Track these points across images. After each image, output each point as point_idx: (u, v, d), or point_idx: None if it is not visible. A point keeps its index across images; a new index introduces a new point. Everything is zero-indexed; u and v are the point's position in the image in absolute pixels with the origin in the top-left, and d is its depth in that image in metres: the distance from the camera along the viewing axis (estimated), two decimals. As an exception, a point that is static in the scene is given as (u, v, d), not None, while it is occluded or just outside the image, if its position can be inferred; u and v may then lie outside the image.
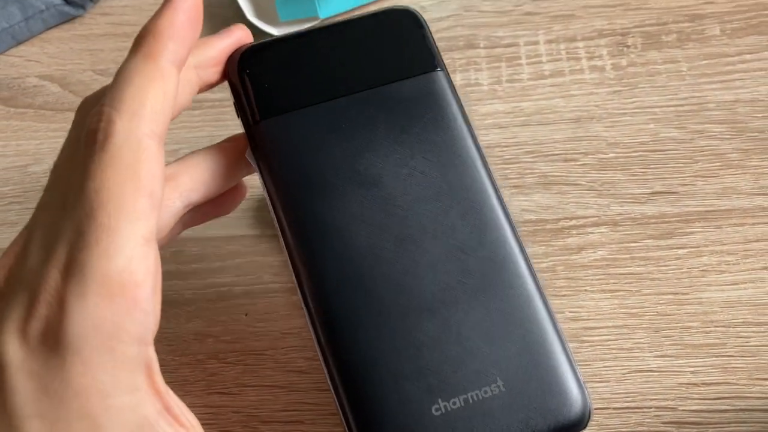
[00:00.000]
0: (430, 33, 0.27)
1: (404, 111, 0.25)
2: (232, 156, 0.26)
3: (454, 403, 0.21)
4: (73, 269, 0.19)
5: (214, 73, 0.25)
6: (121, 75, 0.22)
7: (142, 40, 0.22)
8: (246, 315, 0.31)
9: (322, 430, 0.28)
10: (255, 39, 0.27)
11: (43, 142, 0.42)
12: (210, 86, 0.26)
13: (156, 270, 0.21)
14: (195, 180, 0.25)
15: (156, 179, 0.21)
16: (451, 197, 0.24)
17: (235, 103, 0.25)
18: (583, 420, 0.22)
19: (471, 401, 0.22)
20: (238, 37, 0.26)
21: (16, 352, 0.19)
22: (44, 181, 0.39)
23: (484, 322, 0.23)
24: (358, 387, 0.22)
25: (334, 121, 0.25)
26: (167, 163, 0.23)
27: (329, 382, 0.22)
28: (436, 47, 0.27)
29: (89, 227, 0.20)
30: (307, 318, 0.23)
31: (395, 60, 0.26)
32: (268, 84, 0.25)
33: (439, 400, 0.21)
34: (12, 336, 0.20)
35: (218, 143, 0.26)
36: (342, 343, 0.22)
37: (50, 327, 0.19)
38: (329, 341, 0.22)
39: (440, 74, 0.26)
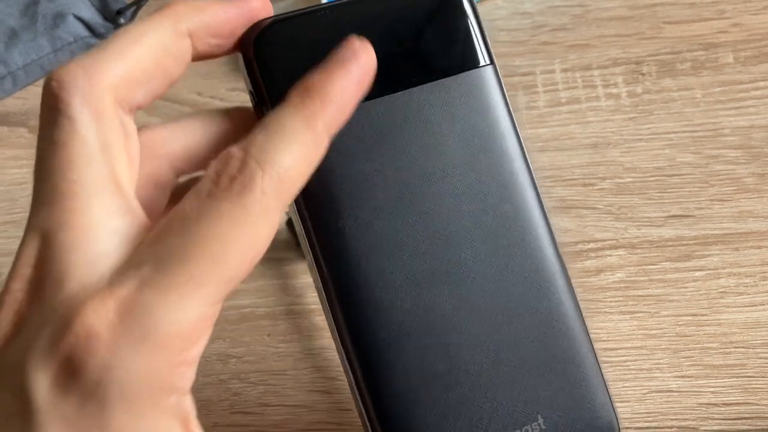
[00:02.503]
0: (478, 20, 0.23)
1: (445, 114, 0.22)
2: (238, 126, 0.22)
3: None
4: (136, 307, 0.17)
5: (212, 45, 0.21)
6: (275, 128, 0.19)
7: (308, 93, 0.19)
8: (268, 336, 0.32)
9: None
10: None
11: (70, 169, 0.43)
12: (203, 58, 0.21)
13: (215, 320, 0.19)
14: (190, 150, 0.21)
15: (267, 245, 0.19)
16: (498, 229, 0.22)
17: (252, 85, 0.22)
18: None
19: None
20: (252, 7, 0.21)
21: (45, 390, 0.17)
22: (71, 206, 0.40)
23: (524, 358, 0.22)
24: (399, 423, 0.21)
25: (366, 117, 0.21)
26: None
27: (363, 412, 0.21)
28: (485, 37, 0.23)
29: (178, 272, 0.17)
30: (342, 345, 0.21)
31: (436, 51, 0.22)
32: (294, 66, 0.20)
33: None
34: (39, 371, 0.17)
35: (222, 110, 0.22)
36: (380, 376, 0.21)
37: (88, 367, 0.17)
38: (367, 373, 0.21)
39: (488, 70, 0.23)
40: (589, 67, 0.43)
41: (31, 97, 0.49)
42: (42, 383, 0.17)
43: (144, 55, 0.19)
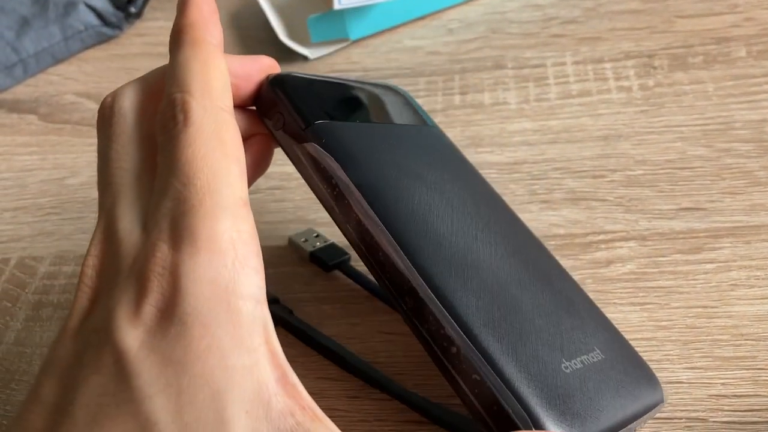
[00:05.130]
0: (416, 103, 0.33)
1: (424, 140, 0.30)
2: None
3: (575, 364, 0.24)
4: (180, 235, 0.20)
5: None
6: (177, 66, 0.23)
7: (181, 33, 0.24)
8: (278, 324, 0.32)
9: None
10: (284, 61, 0.28)
11: (80, 156, 0.43)
12: None
13: (256, 234, 0.21)
14: None
15: (240, 147, 0.22)
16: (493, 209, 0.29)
17: (279, 114, 0.27)
18: (661, 393, 0.26)
19: (586, 363, 0.24)
20: (265, 63, 0.28)
21: (133, 337, 0.19)
22: (80, 193, 0.41)
23: (567, 305, 0.26)
24: (498, 357, 0.23)
25: (374, 135, 0.28)
26: None
27: (460, 359, 0.23)
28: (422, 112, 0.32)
29: (190, 193, 0.20)
30: (431, 302, 0.24)
31: (404, 111, 0.31)
32: (312, 96, 0.28)
33: (564, 360, 0.24)
34: (126, 323, 0.19)
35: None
36: (470, 319, 0.24)
37: (167, 299, 0.19)
38: (458, 317, 0.24)
39: (434, 129, 0.32)
40: (601, 60, 0.43)
41: (42, 84, 0.49)
42: (130, 332, 0.19)
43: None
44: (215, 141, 0.21)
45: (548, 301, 0.26)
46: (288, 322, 0.31)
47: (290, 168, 0.30)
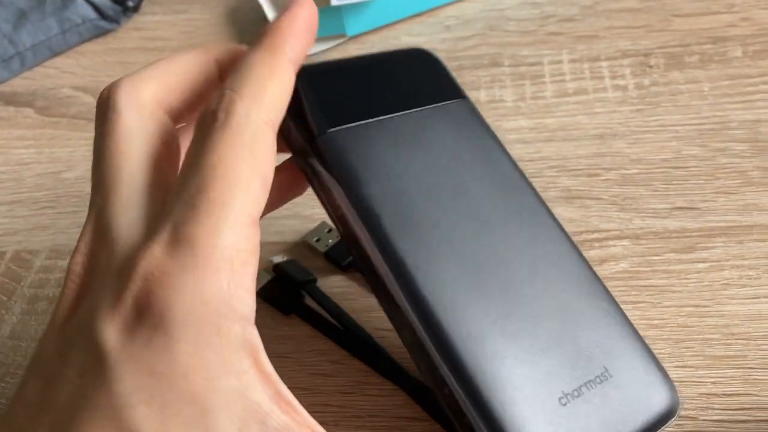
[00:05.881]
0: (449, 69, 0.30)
1: (445, 125, 0.28)
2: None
3: (575, 393, 0.23)
4: (179, 243, 0.19)
5: None
6: (243, 64, 0.22)
7: (264, 35, 0.23)
8: (271, 318, 0.32)
9: None
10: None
11: (76, 150, 0.43)
12: None
13: (258, 252, 0.20)
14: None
15: (270, 164, 0.21)
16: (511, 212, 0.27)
17: (295, 117, 0.26)
18: (676, 403, 0.24)
19: (589, 390, 0.23)
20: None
21: (114, 338, 0.19)
22: (77, 187, 0.41)
23: (576, 320, 0.25)
24: (486, 392, 0.22)
25: (390, 134, 0.26)
26: None
27: (449, 391, 0.23)
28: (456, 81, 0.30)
29: (201, 201, 0.19)
30: (420, 326, 0.23)
31: (429, 89, 0.29)
32: (327, 98, 0.26)
33: (563, 391, 0.23)
34: (107, 322, 0.19)
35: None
36: (459, 350, 0.23)
37: (150, 303, 0.19)
38: (446, 350, 0.23)
39: (466, 102, 0.29)
40: (597, 59, 0.43)
41: (39, 77, 0.49)
42: (111, 332, 0.19)
43: (178, 70, 0.24)
44: (246, 152, 0.20)
45: (559, 322, 0.24)
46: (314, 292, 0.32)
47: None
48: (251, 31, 0.50)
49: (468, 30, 0.47)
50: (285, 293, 0.33)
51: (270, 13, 0.48)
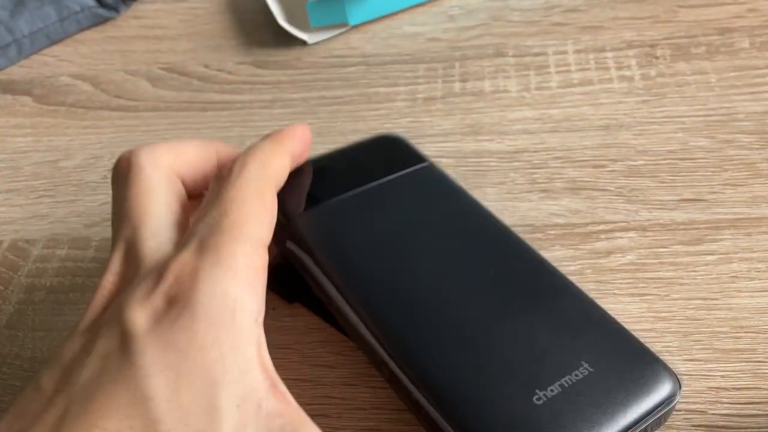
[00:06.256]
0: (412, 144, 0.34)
1: (410, 187, 0.31)
2: None
3: (552, 390, 0.23)
4: (206, 248, 0.22)
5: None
6: (254, 145, 0.27)
7: (271, 133, 0.29)
8: (273, 309, 0.31)
9: (348, 423, 0.27)
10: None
11: (74, 139, 0.43)
12: None
13: (266, 273, 0.24)
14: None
15: (273, 210, 0.25)
16: (473, 236, 0.29)
17: None
18: (674, 383, 0.24)
19: (566, 385, 0.24)
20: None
21: (143, 321, 0.21)
22: (74, 176, 0.40)
23: (550, 321, 0.26)
24: (457, 398, 0.24)
25: (356, 206, 0.30)
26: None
27: (421, 403, 0.24)
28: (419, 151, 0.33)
29: (223, 221, 0.23)
30: (387, 356, 0.25)
31: (392, 162, 0.32)
32: (292, 190, 0.30)
33: (537, 390, 0.23)
34: (138, 308, 0.21)
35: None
36: (429, 366, 0.25)
37: (180, 292, 0.21)
38: (415, 367, 0.25)
39: (429, 165, 0.32)
40: (603, 49, 0.42)
41: (36, 65, 0.49)
42: (141, 317, 0.21)
43: (187, 148, 0.28)
44: (256, 194, 0.25)
45: (526, 328, 0.25)
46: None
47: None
48: (251, 19, 0.50)
49: (471, 20, 0.46)
50: (290, 280, 0.32)
51: (270, 1, 0.48)
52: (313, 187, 0.31)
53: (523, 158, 0.36)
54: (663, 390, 0.24)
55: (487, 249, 0.28)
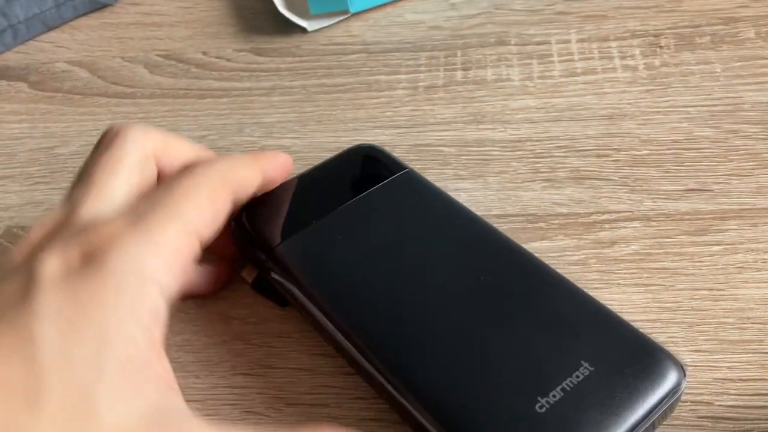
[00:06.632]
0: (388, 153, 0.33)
1: (390, 199, 0.30)
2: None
3: (554, 396, 0.23)
4: (139, 220, 0.23)
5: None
6: (230, 154, 0.31)
7: (253, 152, 0.30)
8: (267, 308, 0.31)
9: (347, 413, 0.27)
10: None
11: (71, 126, 0.42)
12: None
13: (189, 264, 0.24)
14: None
15: (224, 210, 0.27)
16: (460, 241, 0.28)
17: (246, 246, 0.30)
18: (679, 371, 0.24)
19: (568, 389, 0.23)
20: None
21: (52, 271, 0.22)
22: (71, 162, 0.39)
23: (544, 323, 0.25)
24: (458, 416, 0.23)
25: (338, 226, 0.29)
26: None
27: (423, 424, 0.23)
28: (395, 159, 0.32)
29: (165, 199, 0.24)
30: (384, 379, 0.25)
31: (371, 174, 0.32)
32: (271, 219, 0.30)
33: (539, 398, 0.23)
34: (51, 258, 0.22)
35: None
36: (428, 386, 0.24)
37: (97, 252, 0.22)
38: (413, 389, 0.24)
39: (409, 172, 0.31)
40: (606, 39, 0.42)
41: (32, 51, 0.48)
42: (53, 265, 0.22)
43: (177, 140, 0.29)
44: (209, 188, 0.26)
45: (521, 333, 0.25)
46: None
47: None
48: (250, 6, 0.49)
49: (473, 8, 0.45)
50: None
51: (271, -11, 0.47)
52: (292, 212, 0.30)
53: (526, 147, 0.36)
54: (668, 380, 0.24)
55: (476, 254, 0.28)
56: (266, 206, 0.30)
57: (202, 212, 0.25)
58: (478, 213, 0.30)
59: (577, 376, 0.23)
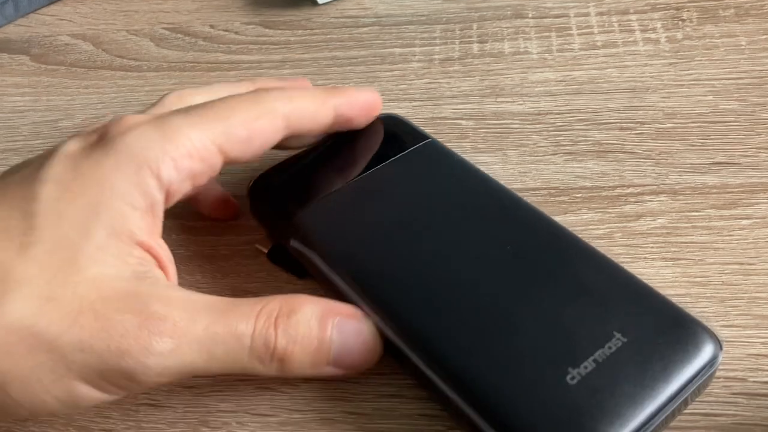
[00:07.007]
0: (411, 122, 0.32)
1: (413, 168, 0.29)
2: None
3: (585, 368, 0.22)
4: (162, 121, 0.24)
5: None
6: (304, 87, 0.29)
7: (329, 88, 0.29)
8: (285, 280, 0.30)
9: (368, 389, 0.26)
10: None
11: (74, 98, 0.41)
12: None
13: (213, 170, 0.26)
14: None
15: (259, 136, 0.26)
16: (486, 211, 0.27)
17: (263, 214, 0.30)
18: (715, 344, 0.23)
19: (600, 360, 0.22)
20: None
21: (72, 148, 0.24)
22: (75, 135, 0.38)
23: (575, 293, 0.24)
24: (487, 388, 0.22)
25: (363, 193, 0.28)
26: None
27: (450, 397, 0.23)
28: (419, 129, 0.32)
29: (196, 110, 0.25)
30: (408, 350, 0.24)
31: (393, 143, 0.30)
32: (293, 186, 0.29)
33: (570, 369, 0.22)
34: (77, 139, 0.24)
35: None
36: (455, 357, 0.23)
37: (110, 134, 0.24)
38: (440, 360, 0.23)
39: (431, 142, 0.31)
40: (626, 12, 0.41)
41: (34, 24, 0.47)
42: (72, 146, 0.24)
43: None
44: (253, 115, 0.26)
45: (552, 304, 0.24)
46: None
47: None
48: (259, -20, 0.48)
49: (488, -19, 0.44)
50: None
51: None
52: (313, 181, 0.29)
53: (546, 120, 0.35)
54: (704, 352, 0.22)
55: (503, 223, 0.27)
56: (285, 174, 0.29)
57: (231, 129, 0.25)
58: (499, 186, 0.29)
59: (610, 347, 0.22)
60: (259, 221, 0.30)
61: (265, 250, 0.30)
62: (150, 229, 0.24)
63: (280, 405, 0.26)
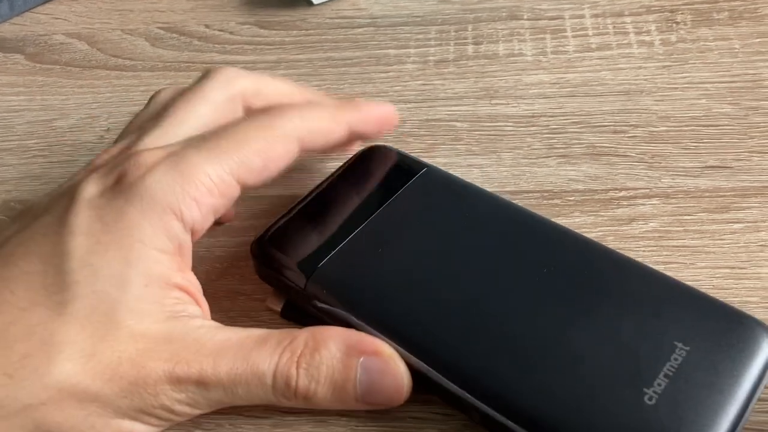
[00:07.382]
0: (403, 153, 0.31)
1: (422, 199, 0.28)
2: None
3: (659, 384, 0.22)
4: (178, 155, 0.24)
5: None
6: (313, 102, 0.29)
7: (342, 102, 0.29)
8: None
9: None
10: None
11: (69, 98, 0.41)
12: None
13: (232, 199, 0.25)
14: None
15: (288, 155, 0.26)
16: (508, 234, 0.26)
17: (274, 275, 0.27)
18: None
19: (671, 374, 0.22)
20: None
21: (90, 192, 0.24)
22: (70, 135, 0.38)
23: (623, 309, 0.23)
24: (566, 424, 0.21)
25: (376, 238, 0.27)
26: None
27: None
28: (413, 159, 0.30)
29: (211, 142, 0.25)
30: (468, 395, 0.23)
31: (391, 177, 0.29)
32: (301, 242, 0.27)
33: (645, 389, 0.21)
34: (94, 180, 0.24)
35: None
36: (524, 397, 0.22)
37: (129, 176, 0.24)
38: (507, 402, 0.22)
39: (429, 170, 0.29)
40: (621, 14, 0.41)
41: (29, 23, 0.47)
42: (91, 189, 0.24)
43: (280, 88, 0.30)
44: (276, 139, 0.26)
45: (606, 324, 0.23)
46: None
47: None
48: (255, -20, 0.48)
49: (484, -17, 0.44)
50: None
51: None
52: (320, 232, 0.27)
53: (540, 123, 0.35)
54: (765, 346, 0.23)
55: (530, 245, 0.26)
56: (289, 229, 0.28)
57: (247, 160, 0.25)
58: (492, 189, 0.29)
59: (675, 359, 0.22)
60: (269, 283, 0.28)
61: (278, 309, 0.28)
62: (181, 268, 0.24)
63: (273, 407, 0.26)
